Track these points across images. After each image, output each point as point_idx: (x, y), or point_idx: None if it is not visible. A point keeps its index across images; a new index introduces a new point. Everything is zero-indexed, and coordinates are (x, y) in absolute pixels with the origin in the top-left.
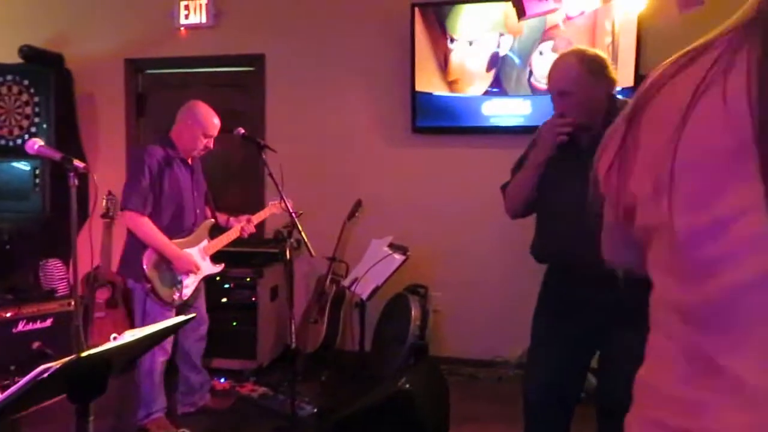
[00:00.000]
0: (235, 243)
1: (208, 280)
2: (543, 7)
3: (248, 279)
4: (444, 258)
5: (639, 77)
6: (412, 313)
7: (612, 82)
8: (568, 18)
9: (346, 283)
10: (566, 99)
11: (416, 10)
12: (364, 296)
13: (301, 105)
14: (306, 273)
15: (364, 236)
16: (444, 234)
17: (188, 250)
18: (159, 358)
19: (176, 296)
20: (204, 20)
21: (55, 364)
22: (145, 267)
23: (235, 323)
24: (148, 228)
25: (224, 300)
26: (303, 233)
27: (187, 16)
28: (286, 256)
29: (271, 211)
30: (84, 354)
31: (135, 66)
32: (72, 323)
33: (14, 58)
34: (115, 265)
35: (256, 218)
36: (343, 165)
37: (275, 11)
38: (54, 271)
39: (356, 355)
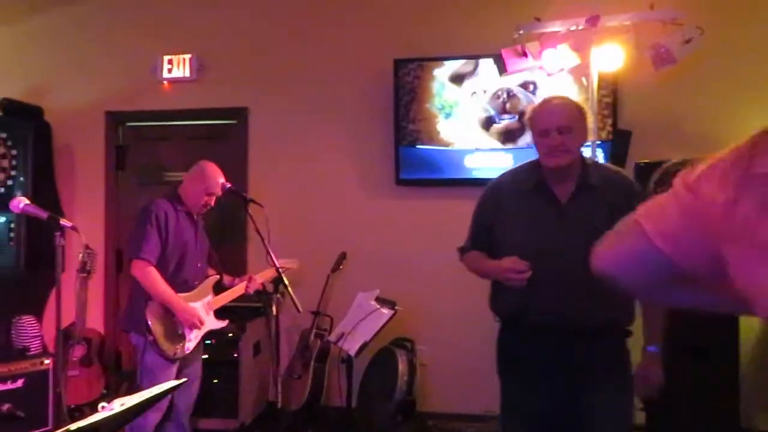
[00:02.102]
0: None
1: None
2: (523, 64)
3: (230, 335)
4: (429, 311)
5: (617, 132)
6: (399, 367)
7: (586, 134)
8: (548, 75)
9: (332, 338)
10: (567, 135)
11: (398, 64)
12: (352, 352)
13: (285, 158)
14: (288, 327)
15: (348, 289)
16: (429, 286)
17: (192, 304)
18: (150, 417)
19: (178, 350)
20: (187, 74)
21: None
22: (148, 319)
23: (216, 380)
24: (154, 278)
25: (205, 356)
26: (290, 288)
27: (170, 70)
28: (271, 311)
29: (277, 270)
30: (74, 427)
31: (116, 118)
32: (48, 383)
33: None
34: (91, 322)
35: (261, 277)
36: (327, 217)
37: (259, 65)
38: (27, 329)
39: (342, 411)
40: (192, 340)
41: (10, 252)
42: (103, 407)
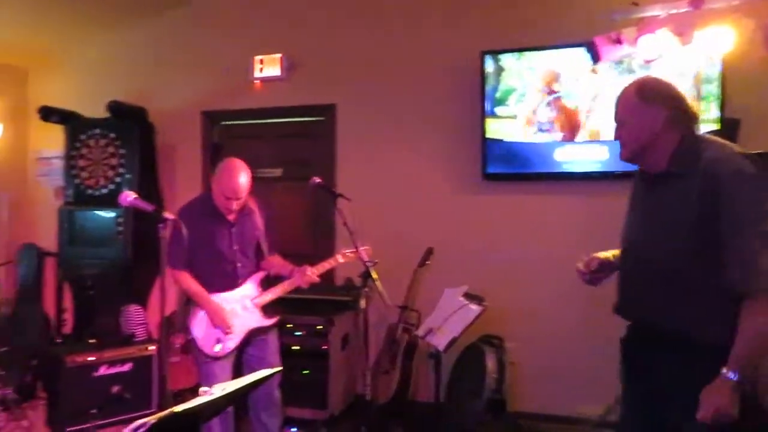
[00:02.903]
0: (305, 290)
1: (281, 326)
2: (618, 52)
3: (319, 327)
4: (519, 308)
5: (724, 120)
6: (488, 365)
7: (673, 112)
8: (646, 62)
9: (420, 332)
10: (621, 128)
11: (486, 56)
12: (441, 347)
13: (372, 153)
14: (375, 321)
15: (435, 285)
16: (518, 282)
17: (231, 304)
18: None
19: (217, 349)
20: (278, 73)
21: (151, 419)
22: (189, 319)
23: (306, 371)
24: (185, 281)
25: (295, 348)
26: (378, 282)
27: (261, 70)
28: (360, 305)
29: (336, 262)
30: (178, 409)
31: (211, 118)
32: (151, 368)
33: (102, 113)
34: None
35: (319, 268)
36: (413, 212)
37: (346, 62)
38: (134, 317)
39: (431, 406)
40: (232, 338)
41: (118, 245)
42: (204, 392)
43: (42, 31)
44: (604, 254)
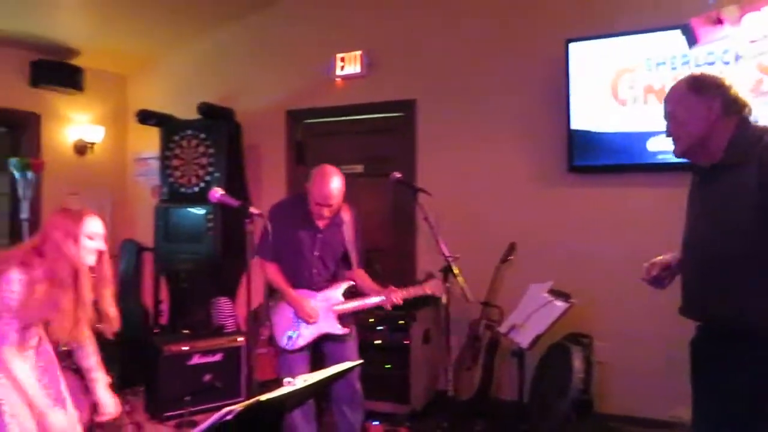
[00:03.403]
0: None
1: (362, 319)
2: (718, 33)
3: (401, 322)
4: (608, 305)
5: None
6: (575, 364)
7: (725, 98)
8: (751, 42)
9: (502, 329)
10: (674, 124)
11: (570, 45)
12: (525, 344)
13: (452, 147)
14: (457, 317)
15: (518, 281)
16: (606, 279)
17: (313, 302)
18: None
19: (289, 342)
20: (358, 70)
21: (237, 407)
22: (270, 309)
23: (388, 366)
24: (271, 272)
25: (377, 342)
26: (460, 278)
27: (342, 68)
28: (441, 300)
29: (423, 291)
30: (263, 398)
31: (295, 116)
32: (240, 358)
33: (193, 115)
34: None
35: (404, 293)
36: (496, 207)
37: (425, 57)
38: (223, 309)
39: (514, 405)
40: (304, 336)
41: (208, 240)
42: (288, 382)
43: (140, 40)
44: (664, 258)
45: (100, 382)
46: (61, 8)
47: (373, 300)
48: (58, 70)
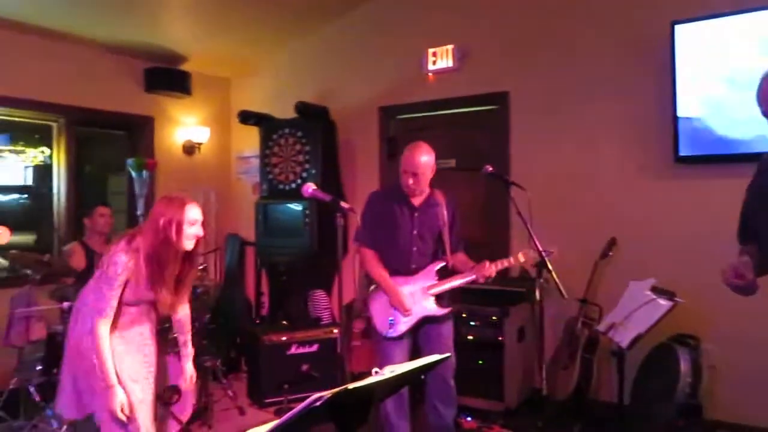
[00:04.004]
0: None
1: (455, 316)
2: None
3: (494, 318)
4: (718, 306)
5: None
6: (682, 367)
7: None
8: None
9: (601, 328)
10: None
11: (676, 27)
12: (624, 344)
13: (548, 139)
14: (553, 314)
15: (618, 278)
16: (714, 278)
17: (408, 288)
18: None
19: (389, 330)
20: (450, 64)
21: (326, 394)
22: (369, 299)
23: (481, 362)
24: (368, 259)
25: (470, 337)
26: (554, 274)
27: (434, 62)
28: (535, 296)
29: (516, 261)
30: (351, 386)
31: (388, 112)
32: (335, 349)
33: (291, 114)
34: None
35: (498, 264)
36: (594, 200)
37: (518, 47)
38: (319, 301)
39: (613, 407)
40: (405, 322)
41: (305, 235)
42: (375, 372)
43: (242, 45)
44: (744, 259)
45: (189, 356)
46: (172, 18)
47: (466, 278)
48: (169, 76)
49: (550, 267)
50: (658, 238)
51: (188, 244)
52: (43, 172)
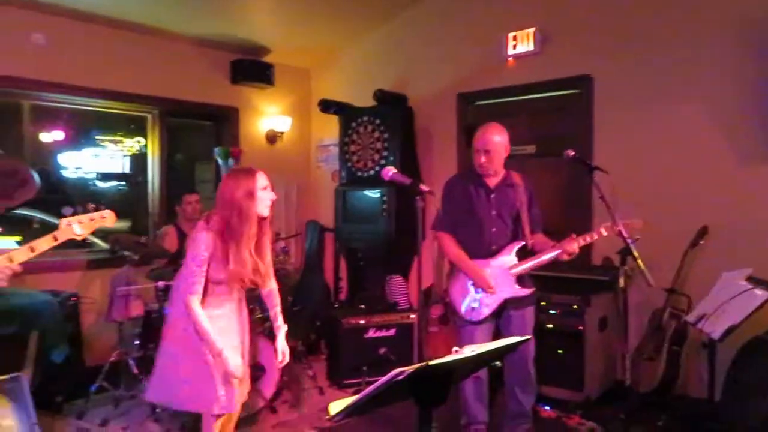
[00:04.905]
0: (561, 268)
1: (535, 305)
2: None
3: (575, 306)
4: None
5: None
6: None
7: None
8: None
9: (690, 318)
10: None
11: None
12: (716, 335)
13: (633, 124)
14: (638, 304)
15: (709, 267)
16: None
17: (489, 270)
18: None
19: (472, 313)
20: (531, 48)
21: (408, 369)
22: (449, 283)
23: (560, 351)
24: (447, 244)
25: (549, 326)
26: (640, 261)
27: (514, 47)
28: (619, 284)
29: (599, 235)
30: (432, 363)
31: (466, 99)
32: (412, 334)
33: (369, 102)
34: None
35: (581, 240)
36: (683, 188)
37: (603, 31)
38: (397, 286)
39: (702, 402)
40: (488, 305)
41: (383, 221)
42: (455, 351)
43: (323, 35)
44: None
45: (280, 331)
46: (257, 12)
47: (550, 254)
48: (253, 68)
49: (635, 254)
50: (753, 226)
51: (265, 210)
52: (138, 160)
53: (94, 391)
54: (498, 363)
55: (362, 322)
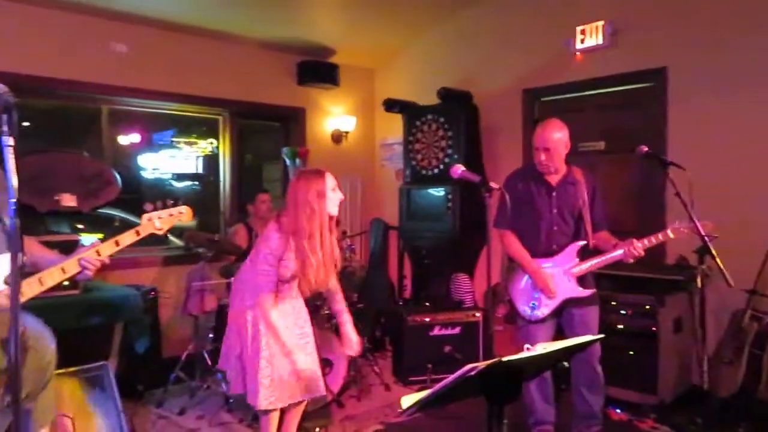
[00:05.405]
0: (631, 267)
1: (604, 303)
2: None
3: (648, 307)
4: None
5: None
6: None
7: None
8: None
9: None
10: None
11: None
12: None
13: (711, 118)
14: (716, 305)
15: None
16: None
17: (550, 270)
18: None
19: (531, 313)
20: (600, 42)
21: (480, 365)
22: (510, 281)
23: (632, 352)
24: (509, 242)
25: (620, 327)
26: (718, 260)
27: (582, 41)
28: (696, 285)
29: (666, 237)
30: (505, 359)
31: (532, 95)
32: (477, 333)
33: (433, 100)
34: None
35: (646, 242)
36: (765, 184)
37: (677, 20)
38: (462, 285)
39: None
40: (548, 305)
41: (447, 219)
42: (527, 348)
43: (386, 35)
44: None
45: (347, 323)
46: (322, 14)
47: (612, 255)
48: (319, 69)
49: (713, 252)
50: None
51: (334, 209)
52: (210, 161)
53: (172, 381)
54: (565, 363)
55: (427, 319)
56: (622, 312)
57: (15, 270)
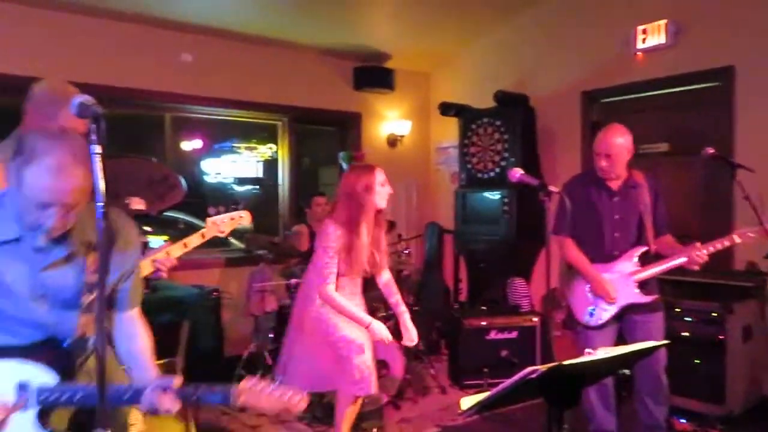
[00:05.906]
0: (696, 273)
1: (668, 309)
2: None
3: (714, 314)
4: None
5: None
6: None
7: None
8: None
9: None
10: None
11: None
12: None
13: None
14: None
15: None
16: None
17: (609, 276)
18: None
19: (591, 318)
20: (663, 41)
21: (541, 368)
22: (568, 287)
23: (698, 361)
24: (567, 248)
25: (684, 334)
26: None
27: (644, 40)
28: (765, 293)
29: (732, 242)
30: (566, 363)
31: (591, 97)
32: (535, 337)
33: (489, 103)
34: None
35: (710, 247)
36: None
37: (746, 17)
38: (518, 289)
39: None
40: (607, 310)
41: (503, 223)
42: (588, 352)
43: (441, 39)
44: None
45: (404, 315)
46: (378, 20)
47: (675, 261)
48: (374, 74)
49: None
50: None
51: (382, 202)
52: (270, 165)
53: (234, 379)
54: (627, 371)
55: (484, 323)
56: (687, 319)
57: (102, 275)
